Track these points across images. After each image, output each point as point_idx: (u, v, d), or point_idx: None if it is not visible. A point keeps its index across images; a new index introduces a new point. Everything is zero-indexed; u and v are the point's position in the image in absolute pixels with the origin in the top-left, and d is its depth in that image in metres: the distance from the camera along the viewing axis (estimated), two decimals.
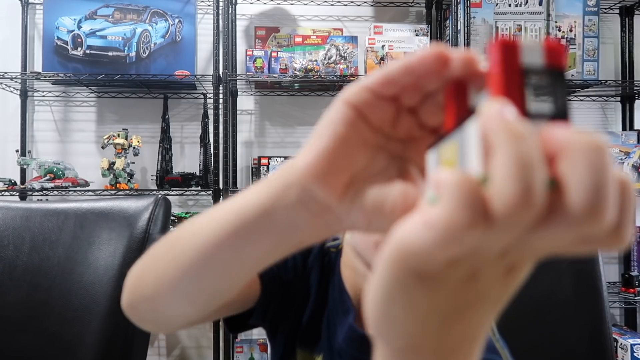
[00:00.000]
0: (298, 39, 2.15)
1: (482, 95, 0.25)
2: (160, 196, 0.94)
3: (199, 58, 2.22)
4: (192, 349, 2.29)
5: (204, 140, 2.18)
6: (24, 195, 2.11)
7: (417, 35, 2.14)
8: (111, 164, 2.08)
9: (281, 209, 0.31)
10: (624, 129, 2.34)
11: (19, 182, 2.17)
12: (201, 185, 2.15)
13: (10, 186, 2.05)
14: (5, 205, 0.95)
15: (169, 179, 2.12)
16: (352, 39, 2.14)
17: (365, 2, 2.35)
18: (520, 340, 0.77)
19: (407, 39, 2.10)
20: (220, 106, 2.04)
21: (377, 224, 0.30)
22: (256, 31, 2.30)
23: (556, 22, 2.12)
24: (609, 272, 2.31)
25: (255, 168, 2.21)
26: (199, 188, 2.14)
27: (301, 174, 0.29)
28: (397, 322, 0.26)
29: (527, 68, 0.23)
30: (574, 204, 0.21)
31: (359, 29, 2.32)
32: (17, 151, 2.17)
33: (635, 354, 1.97)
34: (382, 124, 0.29)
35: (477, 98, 0.26)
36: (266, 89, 2.31)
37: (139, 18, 2.09)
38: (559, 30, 2.13)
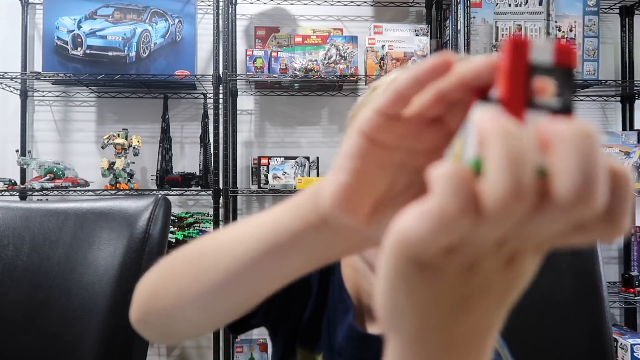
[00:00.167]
0: (298, 39, 2.15)
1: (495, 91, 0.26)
2: (160, 196, 0.94)
3: (199, 58, 2.22)
4: (192, 349, 2.29)
5: (204, 140, 2.18)
6: (24, 195, 2.11)
7: (417, 35, 2.14)
8: (111, 164, 2.08)
9: (312, 233, 0.33)
10: (624, 129, 2.34)
11: (19, 182, 2.17)
12: (201, 185, 2.15)
13: (10, 186, 2.06)
14: (5, 205, 0.95)
15: (169, 179, 2.12)
16: (352, 39, 2.14)
17: (365, 2, 2.35)
18: (520, 340, 0.77)
19: (407, 39, 2.10)
20: (220, 106, 2.04)
21: None
22: (256, 31, 2.30)
23: (556, 22, 2.12)
24: (609, 272, 2.31)
25: (255, 168, 2.21)
26: (199, 188, 2.14)
27: (328, 205, 0.31)
28: (403, 313, 0.27)
29: (535, 65, 0.24)
30: (560, 188, 0.21)
31: (359, 28, 2.32)
32: (17, 151, 2.17)
33: (635, 354, 1.97)
34: (404, 140, 0.30)
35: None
36: (266, 89, 2.31)
37: (139, 18, 2.09)
38: (559, 30, 2.13)
